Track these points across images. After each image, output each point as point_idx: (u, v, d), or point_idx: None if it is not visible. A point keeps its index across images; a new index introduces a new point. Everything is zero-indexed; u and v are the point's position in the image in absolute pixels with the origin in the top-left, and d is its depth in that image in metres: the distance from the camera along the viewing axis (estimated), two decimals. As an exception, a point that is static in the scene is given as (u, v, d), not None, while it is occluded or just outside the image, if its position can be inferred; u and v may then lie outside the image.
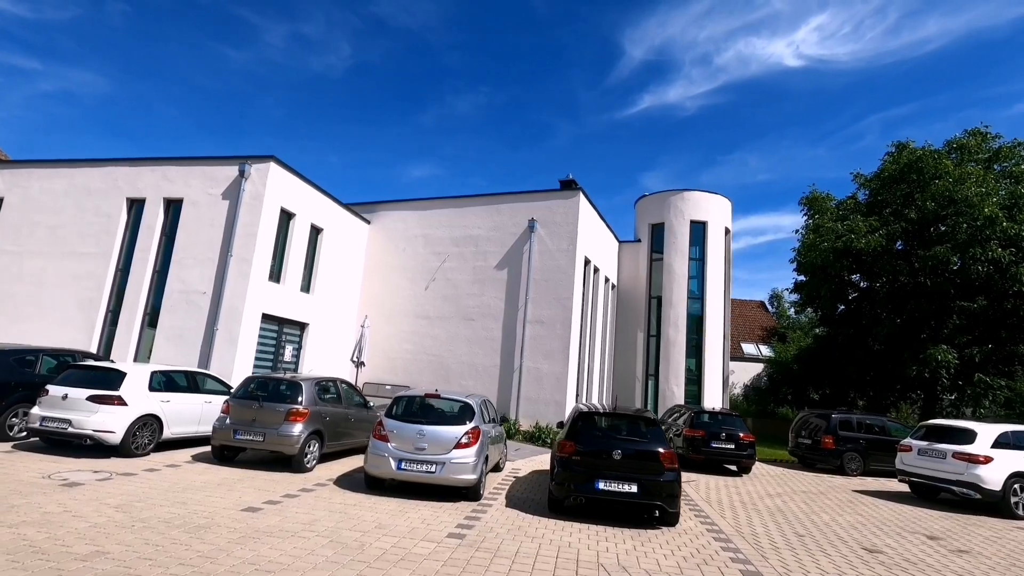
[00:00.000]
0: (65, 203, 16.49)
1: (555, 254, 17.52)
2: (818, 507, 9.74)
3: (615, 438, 7.41)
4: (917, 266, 20.46)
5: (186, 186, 15.62)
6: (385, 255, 19.94)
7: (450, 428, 7.85)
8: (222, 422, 8.96)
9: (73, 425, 8.44)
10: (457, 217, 19.17)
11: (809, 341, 38.70)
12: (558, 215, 17.74)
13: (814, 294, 23.47)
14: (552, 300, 17.20)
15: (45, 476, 7.24)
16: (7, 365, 9.44)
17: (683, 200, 21.94)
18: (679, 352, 20.86)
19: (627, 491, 7.01)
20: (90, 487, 6.88)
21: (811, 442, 15.35)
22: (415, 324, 18.92)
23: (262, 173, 15.06)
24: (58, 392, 8.70)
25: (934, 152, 21.01)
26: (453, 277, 18.78)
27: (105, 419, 8.51)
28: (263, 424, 8.78)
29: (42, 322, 15.55)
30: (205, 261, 14.89)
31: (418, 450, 7.69)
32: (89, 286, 15.59)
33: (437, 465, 7.59)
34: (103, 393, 8.66)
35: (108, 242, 15.83)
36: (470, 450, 7.74)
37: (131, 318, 15.14)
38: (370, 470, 7.83)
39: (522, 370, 17.04)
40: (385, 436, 7.85)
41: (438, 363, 18.32)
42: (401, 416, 8.12)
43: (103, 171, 16.49)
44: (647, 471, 7.11)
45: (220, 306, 14.31)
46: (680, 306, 21.16)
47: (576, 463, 7.26)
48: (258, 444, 8.75)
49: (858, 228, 20.42)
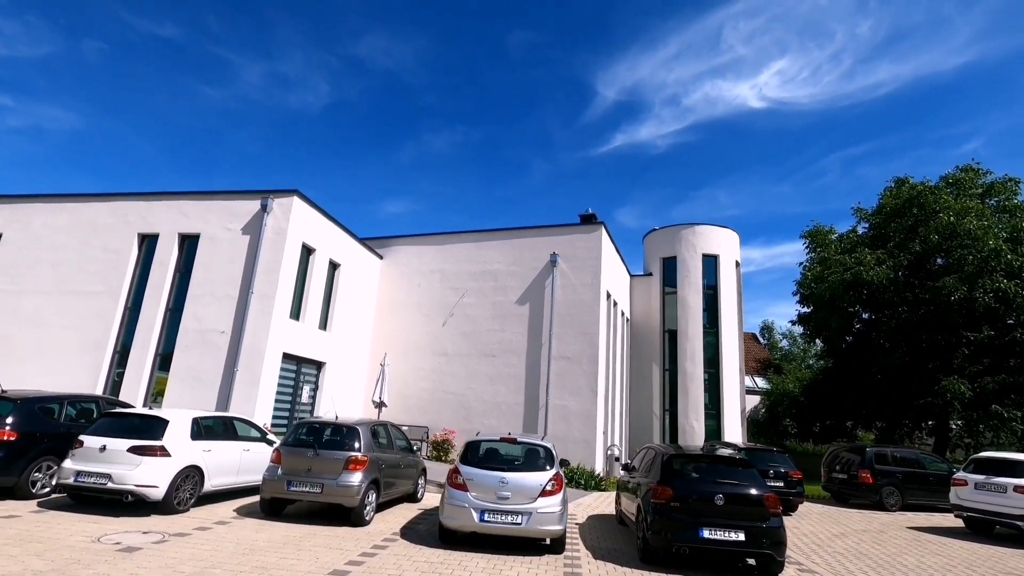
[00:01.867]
0: (69, 239, 15.73)
1: (578, 288, 17.32)
2: (893, 548, 9.42)
3: (714, 482, 7.04)
4: (925, 297, 20.84)
5: (203, 221, 15.06)
6: (399, 291, 19.48)
7: (533, 475, 7.38)
8: (273, 472, 8.30)
9: (114, 480, 7.69)
10: (475, 252, 18.90)
11: (808, 373, 39.07)
12: (580, 249, 17.63)
13: (822, 326, 23.66)
14: (577, 335, 16.90)
15: (94, 540, 6.51)
16: (30, 414, 8.65)
17: (694, 234, 22.13)
18: (697, 386, 20.65)
19: (734, 539, 6.61)
20: (150, 552, 6.19)
21: (846, 477, 15.12)
22: (433, 361, 18.36)
23: (285, 208, 14.64)
24: (94, 443, 7.96)
25: (933, 188, 21.74)
26: (472, 313, 18.38)
27: (148, 472, 7.79)
28: (320, 474, 8.15)
29: (42, 364, 14.56)
30: (224, 298, 14.25)
31: (501, 499, 7.19)
32: (95, 326, 14.74)
33: (523, 516, 7.08)
34: (145, 443, 7.95)
35: (117, 279, 15.06)
36: (555, 498, 7.26)
37: (141, 358, 14.31)
38: (448, 522, 7.27)
39: (548, 408, 16.57)
40: (463, 485, 7.33)
41: (458, 402, 17.73)
42: (478, 463, 7.62)
43: (111, 206, 15.83)
44: (752, 517, 6.74)
45: (240, 346, 13.63)
46: (696, 340, 21.06)
47: (675, 510, 6.85)
48: (315, 496, 8.10)
49: (866, 261, 20.79)
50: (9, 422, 8.25)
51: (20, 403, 8.54)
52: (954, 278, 19.18)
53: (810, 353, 43.59)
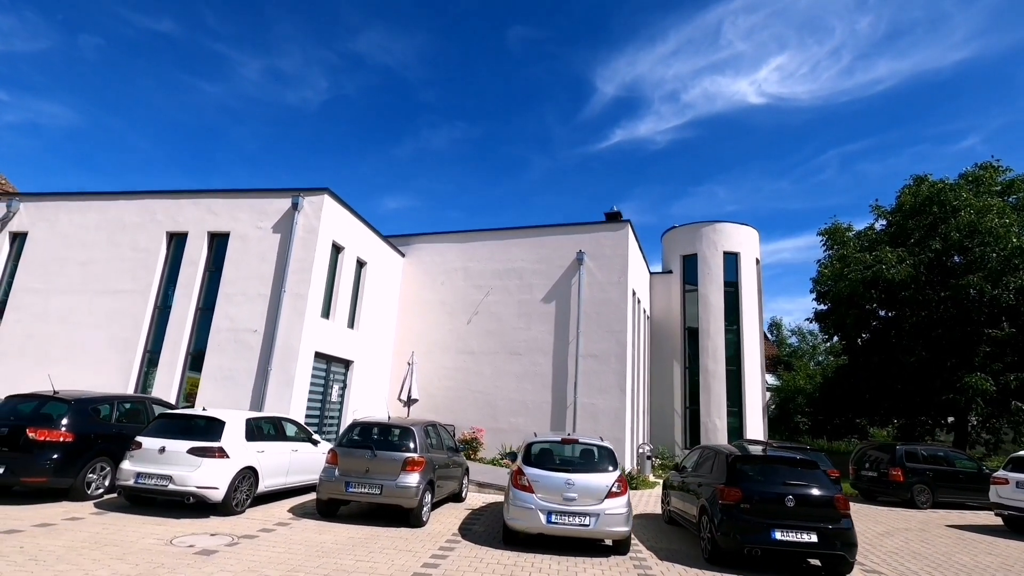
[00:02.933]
0: (97, 237, 15.64)
1: (605, 287, 17.29)
2: (942, 547, 9.44)
3: (783, 483, 7.03)
4: (944, 295, 20.86)
5: (233, 220, 14.99)
6: (422, 288, 19.43)
7: (599, 476, 7.38)
8: (330, 474, 8.27)
9: (175, 482, 7.67)
10: (499, 250, 18.86)
11: (819, 370, 39.11)
12: (607, 248, 17.59)
13: (840, 323, 23.69)
14: (605, 333, 16.88)
15: (166, 542, 6.49)
16: (84, 414, 8.61)
17: (715, 232, 22.10)
18: (719, 384, 20.66)
19: (806, 541, 6.62)
20: (227, 555, 6.17)
21: (876, 474, 15.16)
22: (457, 360, 18.34)
23: (316, 206, 14.57)
24: (153, 444, 7.94)
25: (953, 185, 21.74)
26: (497, 311, 18.34)
27: (209, 474, 7.77)
28: (378, 475, 8.14)
29: (72, 364, 14.50)
30: (256, 298, 14.19)
31: (567, 501, 7.18)
32: (125, 325, 14.68)
33: (591, 517, 7.08)
34: (205, 445, 7.93)
35: (147, 278, 14.99)
36: (622, 499, 7.26)
37: (173, 359, 14.25)
38: (514, 523, 7.26)
39: (576, 406, 16.56)
40: (528, 486, 7.32)
41: (484, 400, 17.71)
42: (541, 464, 7.61)
43: (139, 204, 15.75)
44: (824, 518, 6.74)
45: (274, 345, 13.58)
46: (718, 337, 21.07)
47: (744, 511, 6.85)
48: (373, 497, 8.08)
49: (887, 259, 20.80)
50: (64, 423, 8.22)
51: (74, 404, 8.51)
52: (979, 276, 19.19)
53: (819, 350, 43.66)
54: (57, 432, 8.06)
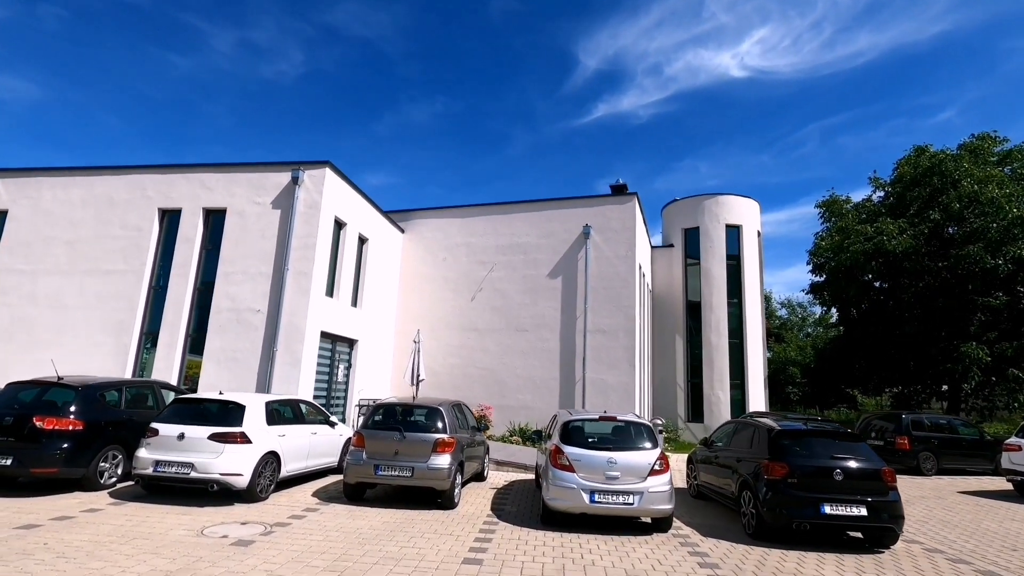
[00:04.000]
0: (84, 215, 14.87)
1: (613, 261, 17.03)
2: (966, 514, 9.52)
3: (829, 457, 6.91)
4: (943, 265, 21.04)
5: (229, 195, 14.33)
6: (423, 265, 18.99)
7: (640, 454, 7.20)
8: (358, 457, 7.98)
9: (196, 469, 7.31)
10: (502, 224, 18.44)
11: (808, 341, 39.64)
12: (614, 221, 17.29)
13: (839, 294, 23.86)
14: (613, 308, 16.69)
15: (197, 533, 6.16)
16: (93, 401, 8.16)
17: (718, 204, 21.90)
18: (722, 357, 20.70)
19: (856, 514, 6.53)
20: (266, 545, 5.87)
21: (883, 443, 15.32)
22: (462, 337, 18.04)
23: (316, 180, 13.98)
24: (171, 431, 7.55)
25: (954, 156, 21.75)
26: (502, 287, 18.02)
27: (232, 460, 7.42)
28: (407, 457, 7.87)
29: (63, 348, 13.87)
30: (257, 276, 13.67)
31: (610, 480, 7.00)
32: (119, 307, 14.06)
33: (635, 495, 6.91)
34: (227, 430, 7.57)
35: (139, 257, 14.33)
36: (664, 477, 7.10)
37: (172, 340, 13.72)
38: (555, 504, 7.06)
39: (585, 382, 16.44)
40: (569, 466, 7.11)
41: (491, 377, 17.50)
42: (580, 442, 7.39)
43: (128, 179, 14.97)
44: (872, 491, 6.66)
45: (278, 325, 13.13)
46: (721, 310, 21.04)
47: (792, 486, 6.73)
48: (404, 480, 7.82)
49: (888, 230, 20.84)
50: (73, 410, 7.78)
51: (82, 390, 8.05)
52: (978, 246, 19.33)
53: (808, 322, 44.28)
54: (66, 420, 7.62)
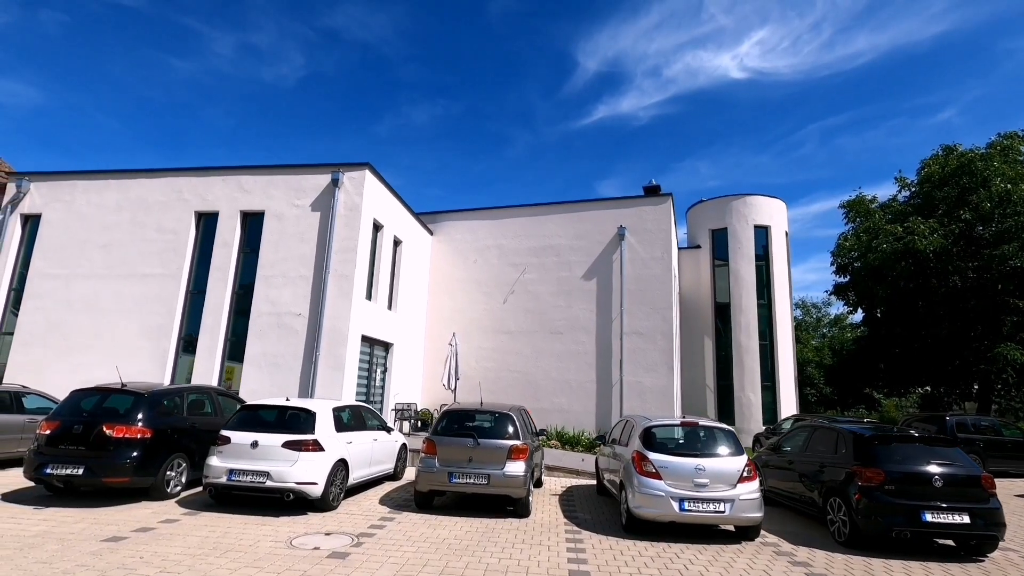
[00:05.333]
0: (119, 218, 14.73)
1: (648, 263, 16.88)
2: (1036, 519, 9.36)
3: (926, 463, 6.75)
4: (973, 265, 20.87)
5: (267, 197, 14.19)
6: (454, 268, 18.84)
7: (729, 460, 7.02)
8: (430, 465, 7.80)
9: (272, 478, 7.14)
10: (534, 226, 18.30)
11: (826, 342, 39.44)
12: (649, 222, 17.14)
13: (866, 294, 23.68)
14: (649, 311, 16.54)
15: (286, 544, 6.00)
16: (159, 408, 7.99)
17: (745, 205, 21.75)
18: (753, 358, 20.53)
19: (958, 522, 6.36)
20: (363, 557, 5.70)
21: (926, 446, 15.16)
22: (495, 340, 17.88)
23: (356, 182, 13.84)
24: (244, 439, 7.38)
25: (983, 155, 21.59)
26: (534, 289, 17.87)
27: (307, 469, 7.25)
28: (482, 464, 7.69)
29: (100, 353, 13.75)
30: (297, 279, 13.52)
31: (698, 487, 6.82)
32: (157, 311, 13.91)
33: (725, 503, 6.74)
34: (301, 438, 7.40)
35: (177, 261, 14.19)
36: (753, 484, 6.93)
37: (211, 345, 13.57)
38: (642, 511, 6.89)
39: (623, 385, 16.28)
40: (656, 473, 6.94)
41: (524, 380, 17.34)
42: (663, 448, 7.23)
43: (163, 182, 14.83)
44: (973, 498, 6.49)
45: (321, 329, 12.97)
46: (751, 312, 20.88)
47: (890, 493, 6.57)
48: (479, 488, 7.64)
49: (920, 230, 20.68)
50: (141, 418, 7.61)
51: (149, 397, 7.88)
52: (1014, 246, 19.16)
53: (823, 323, 44.10)
54: (136, 428, 7.45)
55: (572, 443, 14.96)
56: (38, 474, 7.23)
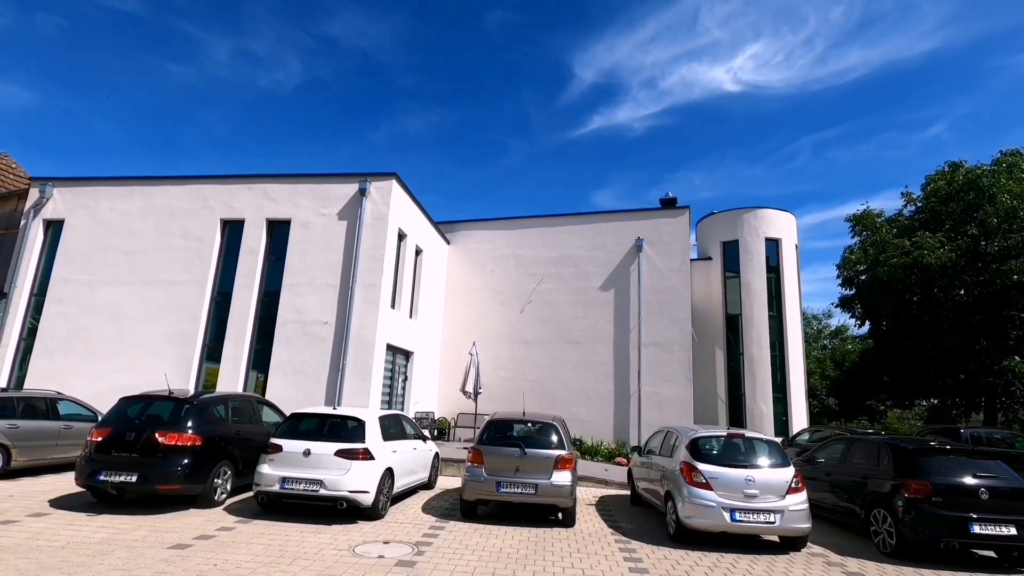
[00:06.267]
0: (144, 225, 14.77)
1: (666, 274, 17.08)
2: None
3: (972, 475, 6.90)
4: (979, 279, 21.22)
5: (293, 206, 14.29)
6: (470, 277, 18.96)
7: (777, 471, 7.15)
8: (476, 474, 7.86)
9: (326, 486, 7.19)
10: (551, 237, 18.47)
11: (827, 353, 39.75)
12: (666, 234, 17.36)
13: (873, 307, 23.97)
14: (668, 321, 16.71)
15: (350, 552, 6.05)
16: (209, 416, 8.03)
17: (756, 218, 21.99)
18: (764, 370, 20.68)
19: (1005, 534, 6.50)
20: (429, 566, 5.77)
21: (941, 458, 15.36)
22: (512, 349, 17.98)
23: (383, 192, 13.97)
24: (296, 447, 7.43)
25: (989, 171, 22.01)
26: (552, 299, 18.01)
27: (359, 477, 7.31)
28: (529, 474, 7.77)
29: (125, 359, 13.76)
30: (323, 288, 13.60)
31: (748, 498, 6.94)
32: (182, 317, 13.93)
33: (775, 514, 6.86)
34: (352, 447, 7.47)
35: (202, 268, 14.23)
36: (802, 495, 7.06)
37: (236, 352, 13.60)
38: (693, 522, 6.99)
39: (641, 395, 16.41)
40: (706, 483, 7.05)
41: (542, 390, 17.41)
42: (711, 459, 7.35)
43: (188, 189, 14.90)
44: (1019, 511, 6.64)
45: (347, 337, 13.04)
46: (762, 324, 21.05)
47: (937, 505, 6.71)
48: (527, 497, 7.71)
49: (928, 244, 21.01)
50: (190, 425, 7.65)
51: (197, 404, 7.93)
52: (1020, 261, 19.50)
53: (824, 334, 44.45)
54: (187, 435, 7.49)
55: (591, 453, 15.04)
56: (91, 481, 7.25)
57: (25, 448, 9.21)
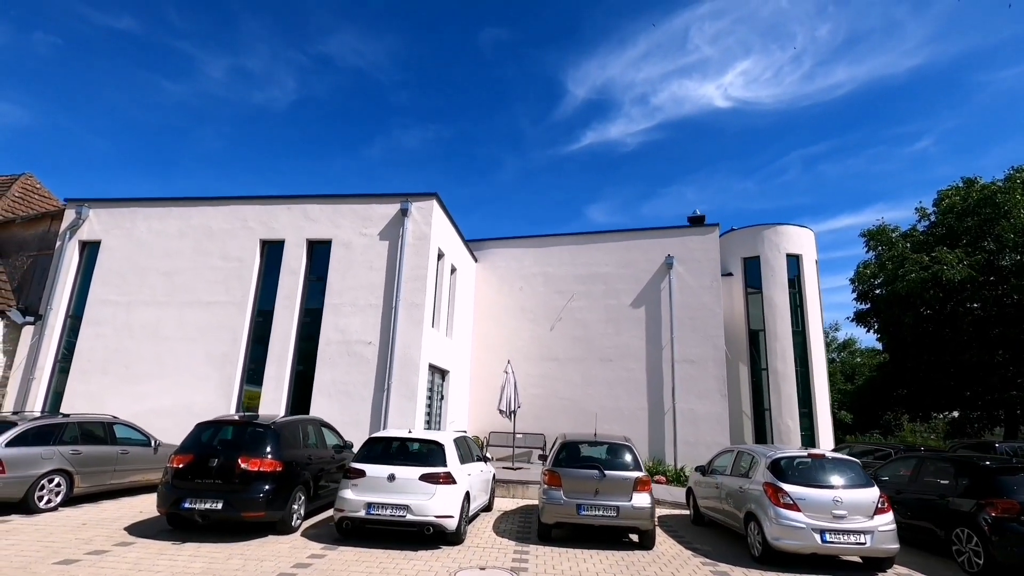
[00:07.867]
0: (181, 246, 14.75)
1: (697, 291, 17.20)
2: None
3: (1060, 493, 6.98)
4: (996, 294, 21.51)
5: (334, 226, 14.33)
6: (499, 295, 19.00)
7: (863, 492, 7.20)
8: (555, 497, 7.86)
9: (412, 512, 7.16)
10: (580, 254, 18.58)
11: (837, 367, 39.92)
12: (696, 252, 17.51)
13: (891, 321, 24.19)
14: (701, 338, 16.80)
15: (455, 581, 6.03)
16: (285, 440, 7.98)
17: (777, 234, 22.23)
18: (790, 386, 20.77)
19: (1096, 552, 6.57)
20: (539, 592, 5.76)
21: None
22: (543, 367, 17.98)
23: (425, 212, 14.06)
24: (380, 472, 7.41)
25: (1004, 188, 22.41)
26: (582, 316, 18.07)
27: (444, 502, 7.29)
28: (608, 496, 7.78)
29: (165, 381, 13.66)
30: (366, 308, 13.60)
31: (837, 519, 6.98)
32: (222, 338, 13.87)
33: (865, 535, 6.89)
34: (436, 471, 7.45)
35: (241, 289, 14.20)
36: (889, 515, 7.11)
37: (279, 373, 13.53)
38: (780, 543, 7.00)
39: (675, 412, 16.42)
40: (794, 504, 7.09)
41: (575, 407, 17.40)
42: (796, 479, 7.38)
43: (226, 210, 14.92)
44: (1111, 529, 6.71)
45: (392, 357, 13.02)
46: (786, 339, 21.17)
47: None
48: (608, 520, 7.71)
49: (948, 259, 21.31)
50: (270, 451, 7.61)
51: (274, 429, 7.90)
52: (1040, 275, 19.81)
53: (831, 348, 44.69)
54: (268, 461, 7.46)
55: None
56: (176, 508, 7.18)
57: (86, 474, 9.11)
